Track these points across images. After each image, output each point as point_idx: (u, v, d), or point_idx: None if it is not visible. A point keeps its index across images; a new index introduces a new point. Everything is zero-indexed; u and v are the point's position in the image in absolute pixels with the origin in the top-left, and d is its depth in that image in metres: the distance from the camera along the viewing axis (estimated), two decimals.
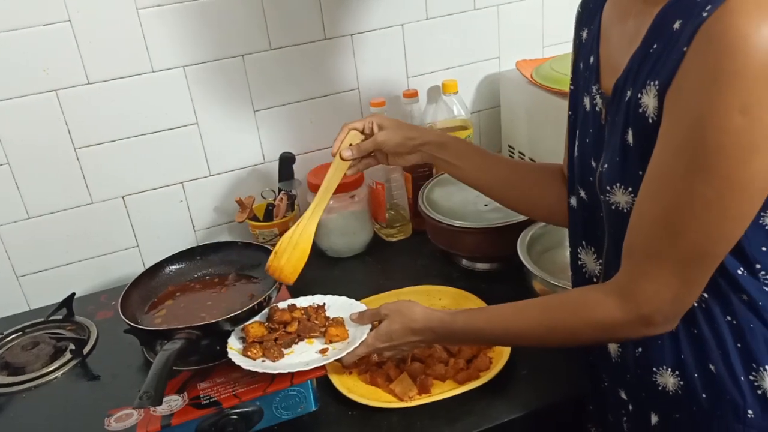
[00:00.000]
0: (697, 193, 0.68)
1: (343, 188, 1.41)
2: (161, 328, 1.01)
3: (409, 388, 1.02)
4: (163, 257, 1.19)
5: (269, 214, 1.40)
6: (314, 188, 1.43)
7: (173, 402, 0.95)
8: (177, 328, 0.97)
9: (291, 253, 1.05)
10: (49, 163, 1.28)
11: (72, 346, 1.09)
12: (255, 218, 1.41)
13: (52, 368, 1.11)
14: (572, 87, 0.94)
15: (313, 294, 1.13)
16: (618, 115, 0.78)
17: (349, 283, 1.34)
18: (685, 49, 0.67)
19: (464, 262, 1.38)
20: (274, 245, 1.39)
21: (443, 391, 1.03)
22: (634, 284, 0.77)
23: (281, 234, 1.38)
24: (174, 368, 1.01)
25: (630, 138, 0.76)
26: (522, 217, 1.28)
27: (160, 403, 0.85)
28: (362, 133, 1.10)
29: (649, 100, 0.72)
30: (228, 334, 1.02)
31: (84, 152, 1.30)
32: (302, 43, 1.39)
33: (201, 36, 1.30)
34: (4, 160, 1.25)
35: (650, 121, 0.72)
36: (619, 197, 0.79)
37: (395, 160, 1.11)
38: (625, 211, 0.79)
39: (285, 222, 1.39)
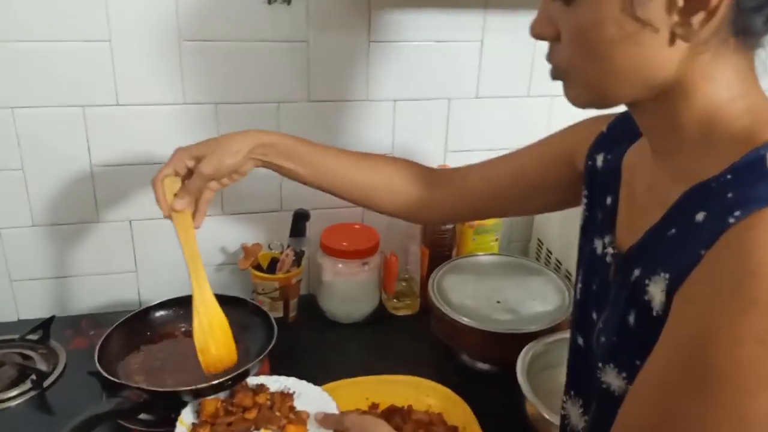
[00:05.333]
0: (693, 416, 0.59)
1: (356, 254, 1.35)
2: (114, 380, 0.95)
3: None
4: (159, 288, 1.13)
5: (273, 265, 1.35)
6: (325, 249, 1.38)
7: None
8: (130, 385, 0.92)
9: (214, 339, 0.97)
10: (63, 176, 1.26)
11: (33, 377, 1.05)
12: (258, 267, 1.36)
13: (11, 395, 1.07)
14: (586, 214, 0.85)
15: (294, 364, 1.07)
16: (623, 288, 0.69)
17: (339, 356, 1.29)
18: (703, 252, 0.57)
19: (464, 356, 1.30)
20: (272, 298, 1.33)
21: None
22: None
23: (281, 287, 1.34)
24: (125, 425, 0.96)
25: (632, 320, 0.67)
26: (529, 328, 1.20)
27: None
28: (177, 175, 0.97)
29: (656, 292, 0.63)
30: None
31: (99, 170, 1.27)
32: (343, 99, 1.34)
33: (238, 77, 1.27)
34: (19, 166, 1.23)
35: (655, 314, 0.63)
36: (612, 379, 0.70)
37: (232, 179, 1.00)
38: (616, 394, 0.69)
39: (288, 277, 1.34)
